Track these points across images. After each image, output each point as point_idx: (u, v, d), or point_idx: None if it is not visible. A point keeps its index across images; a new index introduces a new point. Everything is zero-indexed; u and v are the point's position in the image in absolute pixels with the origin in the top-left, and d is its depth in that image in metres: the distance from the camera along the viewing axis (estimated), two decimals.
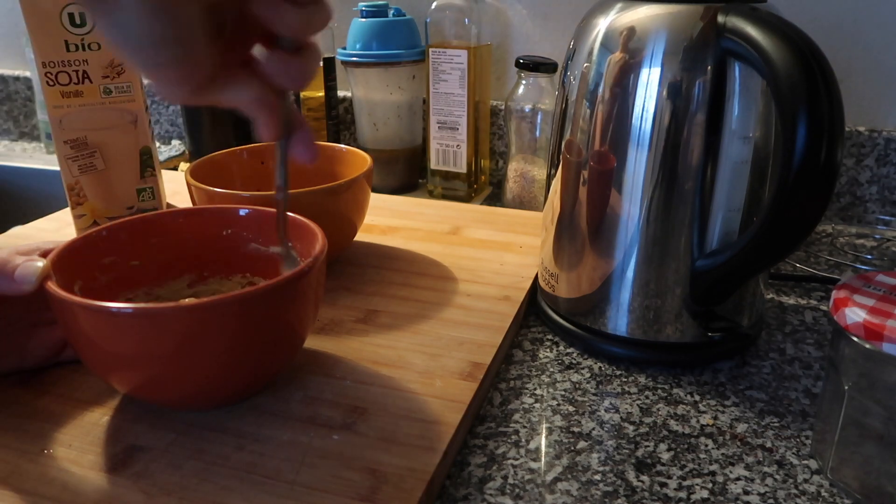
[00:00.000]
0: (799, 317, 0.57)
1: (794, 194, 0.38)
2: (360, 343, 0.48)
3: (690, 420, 0.44)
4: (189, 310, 0.36)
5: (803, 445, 0.42)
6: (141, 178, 0.67)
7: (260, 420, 0.40)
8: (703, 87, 0.43)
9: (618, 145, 0.46)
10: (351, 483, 0.36)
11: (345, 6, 0.92)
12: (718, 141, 0.43)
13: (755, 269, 0.44)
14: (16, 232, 0.69)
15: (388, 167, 0.87)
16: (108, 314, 0.36)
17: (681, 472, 0.39)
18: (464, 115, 0.79)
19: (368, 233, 0.67)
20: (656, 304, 0.48)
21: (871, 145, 0.77)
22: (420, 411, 0.41)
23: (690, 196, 0.45)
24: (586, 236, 0.49)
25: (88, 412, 0.41)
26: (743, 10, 0.41)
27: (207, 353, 0.37)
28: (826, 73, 0.37)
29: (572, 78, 0.48)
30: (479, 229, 0.69)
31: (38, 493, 0.35)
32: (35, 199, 0.99)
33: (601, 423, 0.43)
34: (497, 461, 0.40)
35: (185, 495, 0.35)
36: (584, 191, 0.48)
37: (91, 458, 0.38)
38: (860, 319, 0.35)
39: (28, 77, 1.12)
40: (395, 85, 0.83)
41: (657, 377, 0.48)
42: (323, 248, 0.42)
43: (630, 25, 0.44)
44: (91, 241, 0.45)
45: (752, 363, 0.50)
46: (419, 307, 0.53)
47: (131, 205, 0.67)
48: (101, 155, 0.64)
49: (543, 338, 0.53)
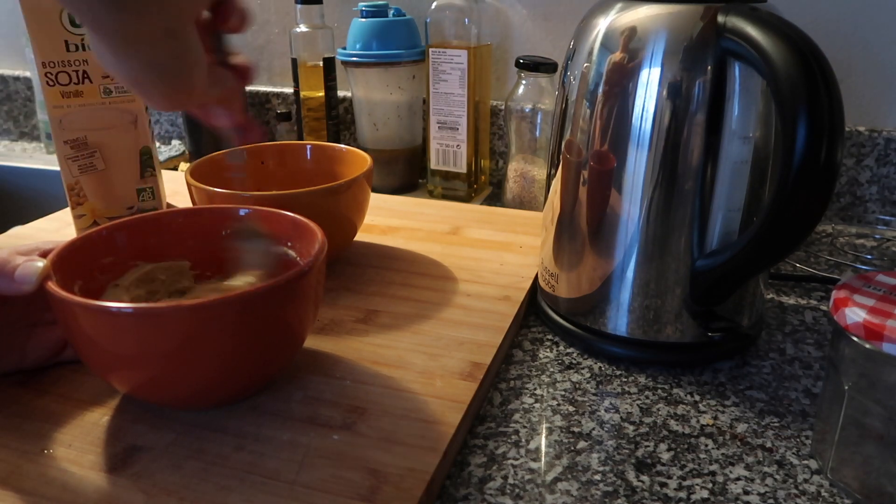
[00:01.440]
0: (799, 317, 0.57)
1: (794, 194, 0.38)
2: (360, 343, 0.48)
3: (690, 420, 0.44)
4: (189, 310, 0.36)
5: (803, 445, 0.42)
6: (141, 178, 0.67)
7: (260, 420, 0.40)
8: (703, 87, 0.43)
9: (618, 145, 0.46)
10: (351, 483, 0.36)
11: (345, 6, 0.92)
12: (718, 141, 0.43)
13: (755, 269, 0.44)
14: (16, 232, 0.69)
15: (388, 167, 0.87)
16: (108, 314, 0.36)
17: (681, 472, 0.39)
18: (464, 115, 0.79)
19: (368, 233, 0.68)
20: (656, 304, 0.48)
21: (871, 145, 0.77)
22: (420, 411, 0.41)
23: (690, 196, 0.45)
24: (586, 236, 0.49)
25: (88, 412, 0.41)
26: (743, 10, 0.41)
27: (207, 353, 0.37)
28: (826, 73, 0.37)
29: (572, 78, 0.48)
30: (479, 229, 0.69)
31: (38, 493, 0.35)
32: (35, 199, 0.99)
33: (601, 423, 0.43)
34: (497, 461, 0.40)
35: (185, 495, 0.35)
36: (584, 191, 0.48)
37: (91, 458, 0.38)
38: (860, 319, 0.35)
39: (28, 77, 1.12)
40: (395, 85, 0.83)
41: (657, 377, 0.48)
42: (323, 248, 0.42)
43: (630, 25, 0.44)
44: (91, 241, 0.45)
45: (752, 363, 0.50)
46: (419, 307, 0.53)
47: (131, 205, 0.67)
48: (101, 155, 0.64)
49: (543, 338, 0.53)
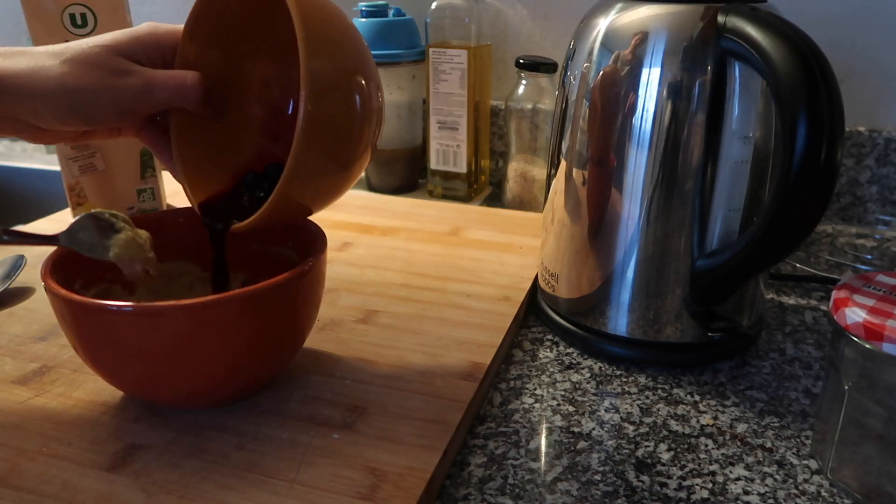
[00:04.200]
0: (799, 317, 0.57)
1: (795, 194, 0.38)
2: (360, 343, 0.48)
3: (690, 420, 0.44)
4: (189, 308, 0.36)
5: (803, 445, 0.42)
6: (141, 178, 0.67)
7: (260, 419, 0.40)
8: (703, 87, 0.43)
9: (618, 145, 0.46)
10: (351, 482, 0.36)
11: (345, 6, 0.92)
12: (718, 141, 0.43)
13: (755, 269, 0.44)
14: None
15: (388, 167, 0.87)
16: (108, 313, 0.36)
17: (681, 472, 0.39)
18: (464, 115, 0.79)
19: (368, 233, 0.68)
20: (656, 304, 0.48)
21: (871, 145, 0.77)
22: (420, 411, 0.41)
23: (690, 196, 0.45)
24: (586, 236, 0.49)
25: (88, 411, 0.41)
26: (743, 10, 0.41)
27: (207, 352, 0.37)
28: (826, 73, 0.37)
29: (572, 78, 0.48)
30: (479, 230, 0.69)
31: (37, 492, 0.35)
32: (35, 199, 0.99)
33: (601, 423, 0.43)
34: (497, 461, 0.40)
35: (185, 494, 0.35)
36: (584, 191, 0.48)
37: (91, 457, 0.38)
38: (860, 319, 0.35)
39: None
40: (395, 85, 0.83)
41: (657, 377, 0.48)
42: (323, 248, 0.42)
43: (630, 25, 0.45)
44: None
45: (752, 363, 0.50)
46: (419, 307, 0.53)
47: (131, 205, 0.67)
48: (101, 155, 0.64)
49: (543, 338, 0.53)
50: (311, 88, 0.36)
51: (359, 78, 0.40)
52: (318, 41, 0.37)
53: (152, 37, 0.42)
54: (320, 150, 0.38)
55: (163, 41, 0.43)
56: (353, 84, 0.39)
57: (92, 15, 0.61)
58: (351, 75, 0.39)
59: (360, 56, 0.41)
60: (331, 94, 0.38)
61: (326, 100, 0.38)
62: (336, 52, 0.39)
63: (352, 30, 0.41)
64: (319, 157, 0.39)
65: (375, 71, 0.42)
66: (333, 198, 0.43)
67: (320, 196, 0.42)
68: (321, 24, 0.38)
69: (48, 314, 0.51)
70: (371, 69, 0.41)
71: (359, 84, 0.40)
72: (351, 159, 0.41)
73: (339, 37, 0.40)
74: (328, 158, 0.39)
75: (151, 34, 0.42)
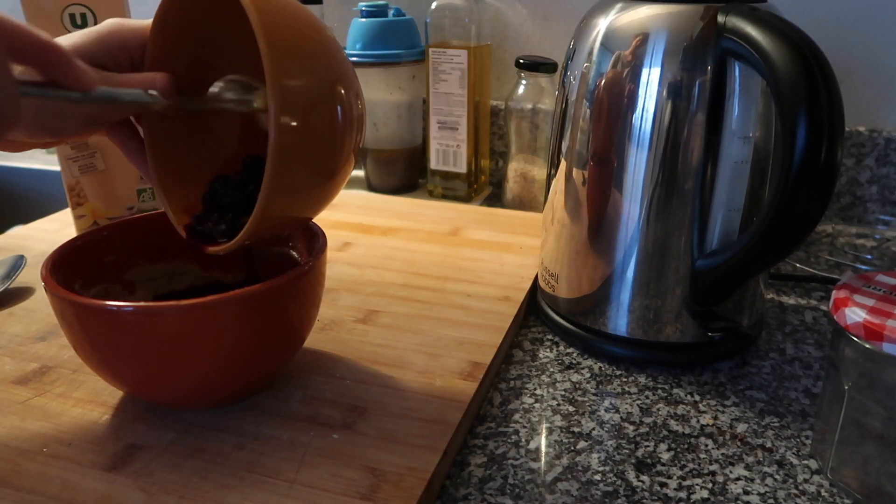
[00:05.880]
0: (799, 317, 0.57)
1: (795, 194, 0.38)
2: (360, 343, 0.48)
3: (690, 420, 0.44)
4: (189, 308, 0.36)
5: (803, 445, 0.42)
6: (141, 178, 0.67)
7: (260, 419, 0.40)
8: (703, 87, 0.43)
9: (618, 145, 0.46)
10: (351, 482, 0.36)
11: (345, 6, 0.92)
12: (718, 141, 0.43)
13: (755, 269, 0.44)
14: (16, 232, 0.69)
15: (388, 167, 0.87)
16: (108, 313, 0.36)
17: (681, 472, 0.39)
18: (464, 115, 0.79)
19: (368, 233, 0.68)
20: (656, 304, 0.48)
21: (871, 145, 0.77)
22: (420, 411, 0.41)
23: (690, 196, 0.45)
24: (586, 236, 0.49)
25: (88, 411, 0.41)
26: (743, 10, 0.41)
27: (207, 352, 0.37)
28: (826, 73, 0.37)
29: (572, 78, 0.48)
30: (479, 230, 0.69)
31: (37, 492, 0.35)
32: (35, 199, 0.99)
33: (601, 423, 0.43)
34: (497, 461, 0.40)
35: (185, 494, 0.35)
36: (584, 191, 0.48)
37: (91, 457, 0.38)
38: (860, 319, 0.35)
39: None
40: (395, 85, 0.83)
41: (657, 377, 0.48)
42: (323, 248, 0.42)
43: (630, 25, 0.45)
44: (91, 241, 0.45)
45: (752, 363, 0.50)
46: (419, 307, 0.53)
47: (131, 205, 0.67)
48: (101, 155, 0.64)
49: (543, 338, 0.53)
50: (280, 108, 0.33)
51: (335, 89, 0.36)
52: (286, 54, 0.34)
53: (116, 36, 0.39)
54: (297, 168, 0.36)
55: (128, 40, 0.40)
56: (328, 98, 0.36)
57: (92, 15, 0.61)
58: (326, 88, 0.36)
59: (333, 65, 0.37)
60: (304, 111, 0.35)
61: (299, 117, 0.35)
62: (307, 64, 0.36)
63: (324, 35, 0.38)
64: (296, 175, 0.36)
65: (354, 78, 0.38)
66: (316, 210, 0.40)
67: (302, 210, 0.40)
68: (288, 32, 0.35)
69: (48, 314, 0.52)
70: (348, 77, 0.38)
71: (335, 96, 0.36)
72: (333, 171, 0.38)
73: (311, 45, 0.36)
74: (307, 174, 0.37)
75: (115, 33, 0.39)
